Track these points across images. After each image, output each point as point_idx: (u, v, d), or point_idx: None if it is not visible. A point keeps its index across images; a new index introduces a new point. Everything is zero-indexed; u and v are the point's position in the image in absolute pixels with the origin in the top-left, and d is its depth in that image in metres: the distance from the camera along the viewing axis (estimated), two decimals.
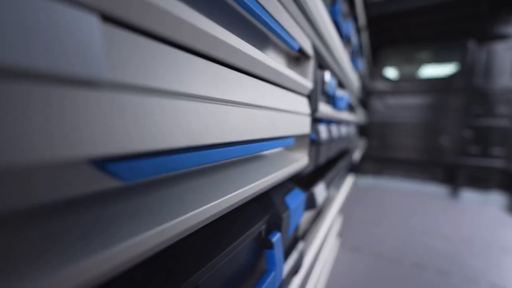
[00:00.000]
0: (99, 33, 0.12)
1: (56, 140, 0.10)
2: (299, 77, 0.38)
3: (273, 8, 0.28)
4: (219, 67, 0.21)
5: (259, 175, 0.30)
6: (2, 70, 0.08)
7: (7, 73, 0.09)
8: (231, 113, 0.22)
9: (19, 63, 0.09)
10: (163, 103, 0.15)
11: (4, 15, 0.08)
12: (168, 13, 0.14)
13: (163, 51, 0.15)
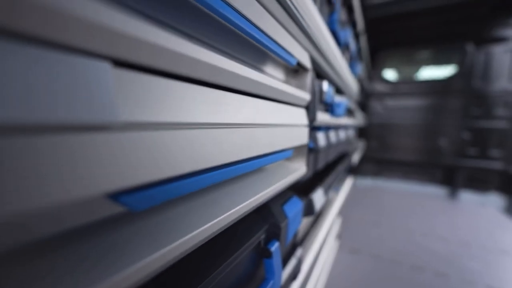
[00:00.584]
0: (111, 79, 0.13)
1: (74, 183, 0.11)
2: (297, 91, 0.40)
3: (272, 29, 0.30)
4: (220, 92, 0.22)
5: (259, 189, 0.31)
6: (27, 125, 0.10)
7: (31, 128, 0.10)
8: (232, 135, 0.23)
9: (39, 119, 0.10)
10: (169, 135, 0.16)
11: (23, 74, 0.10)
12: (169, 50, 0.16)
13: (167, 85, 0.17)
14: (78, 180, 0.11)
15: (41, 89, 0.10)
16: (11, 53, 0.09)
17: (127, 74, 0.14)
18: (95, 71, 0.12)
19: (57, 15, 0.10)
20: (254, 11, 0.25)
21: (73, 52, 0.11)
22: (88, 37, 0.11)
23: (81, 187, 0.11)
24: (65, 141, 0.11)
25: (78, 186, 0.11)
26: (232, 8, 0.22)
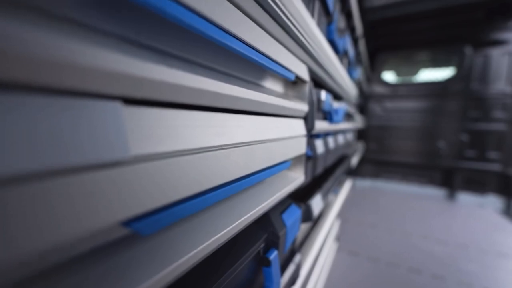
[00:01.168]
0: (123, 117, 0.14)
1: (91, 216, 0.13)
2: (296, 103, 0.41)
3: (271, 49, 0.31)
4: (221, 115, 0.23)
5: (259, 201, 0.32)
6: (51, 169, 0.11)
7: (53, 171, 0.11)
8: (233, 155, 0.24)
9: (59, 163, 0.11)
10: (174, 162, 0.17)
11: (41, 123, 0.11)
12: (174, 84, 0.17)
13: (171, 115, 0.18)
14: (94, 213, 0.13)
15: (60, 135, 0.11)
16: (37, 104, 0.11)
17: (136, 110, 0.15)
18: (108, 111, 0.13)
19: (74, 68, 0.11)
20: (253, 34, 0.27)
21: (88, 97, 0.13)
22: (101, 82, 0.13)
23: (97, 219, 0.13)
24: (82, 180, 0.12)
25: (94, 218, 0.13)
26: (232, 36, 0.23)
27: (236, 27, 0.23)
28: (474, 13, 1.86)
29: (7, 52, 0.09)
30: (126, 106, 0.15)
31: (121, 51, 0.14)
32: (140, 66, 0.14)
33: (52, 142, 0.11)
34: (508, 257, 1.31)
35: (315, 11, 0.51)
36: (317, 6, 0.52)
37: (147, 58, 0.16)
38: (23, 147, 0.10)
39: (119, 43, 0.15)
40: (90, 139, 0.12)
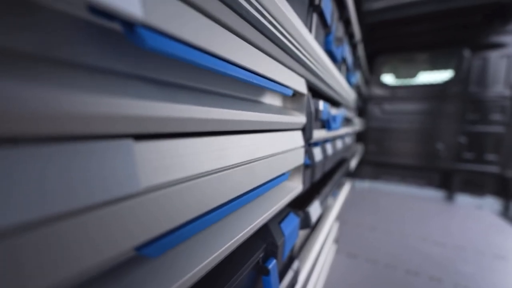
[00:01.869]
0: (134, 153, 0.16)
1: (107, 245, 0.14)
2: (294, 117, 0.42)
3: (270, 69, 0.32)
4: (222, 138, 0.25)
5: (258, 213, 0.34)
6: (70, 211, 0.13)
7: (71, 212, 0.13)
8: (235, 174, 0.26)
9: (76, 205, 0.13)
10: (181, 188, 0.19)
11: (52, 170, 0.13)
12: (180, 118, 0.19)
13: (178, 145, 0.20)
14: (110, 242, 0.14)
15: (78, 178, 0.13)
16: (56, 152, 0.12)
17: (145, 144, 0.17)
18: (121, 150, 0.15)
19: (85, 117, 0.13)
20: (252, 58, 0.28)
21: (103, 139, 0.14)
22: (112, 125, 0.14)
23: (111, 248, 0.14)
24: (99, 215, 0.14)
25: (109, 248, 0.14)
26: (231, 63, 0.24)
27: (234, 54, 0.24)
28: (473, 16, 1.87)
29: (19, 111, 0.11)
30: (136, 142, 0.16)
31: (129, 93, 0.15)
32: (148, 106, 0.16)
33: (71, 185, 0.12)
34: (505, 259, 1.33)
35: (313, 24, 0.53)
36: (315, 19, 0.53)
37: (154, 96, 0.17)
38: (51, 191, 0.11)
39: (126, 82, 0.16)
40: (105, 178, 0.14)
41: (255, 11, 0.27)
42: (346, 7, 0.85)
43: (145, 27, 0.15)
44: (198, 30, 0.20)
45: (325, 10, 0.52)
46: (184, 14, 0.18)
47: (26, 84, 0.11)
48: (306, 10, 0.49)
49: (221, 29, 0.23)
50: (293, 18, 0.36)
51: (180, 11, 0.18)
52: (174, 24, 0.17)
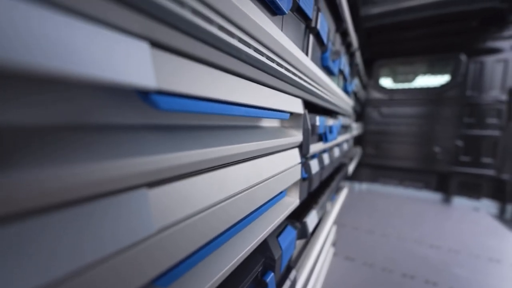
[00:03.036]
0: (147, 200, 0.18)
1: (130, 281, 0.17)
2: (291, 138, 0.45)
3: (269, 99, 0.35)
4: (222, 170, 0.27)
5: (258, 232, 0.36)
6: (95, 261, 0.15)
7: (96, 262, 0.15)
8: (236, 201, 0.28)
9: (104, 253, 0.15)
10: (188, 223, 0.21)
11: None
12: (185, 164, 0.21)
13: (184, 186, 0.22)
14: (129, 281, 0.17)
15: (100, 231, 0.15)
16: (81, 213, 0.15)
17: (156, 190, 0.19)
18: (136, 200, 0.17)
19: (109, 180, 0.15)
20: (251, 93, 0.31)
21: (120, 193, 0.17)
22: (129, 181, 0.17)
23: (132, 285, 0.17)
24: (119, 259, 0.16)
25: (130, 285, 0.17)
26: (233, 104, 0.27)
27: (235, 95, 0.27)
28: (469, 21, 1.90)
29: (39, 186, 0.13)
30: (149, 189, 0.19)
31: (142, 149, 0.18)
32: (160, 159, 0.18)
33: (95, 238, 0.15)
34: (500, 263, 1.36)
35: (309, 44, 0.55)
36: (312, 39, 0.56)
37: (163, 145, 0.20)
38: (81, 245, 0.14)
39: (138, 135, 0.19)
40: (122, 228, 0.16)
41: (254, 51, 0.29)
42: (344, 20, 0.87)
43: (158, 93, 0.18)
44: (203, 81, 0.22)
45: (321, 31, 0.54)
46: (189, 70, 0.21)
47: (44, 159, 0.13)
48: (303, 32, 0.52)
49: (222, 74, 0.25)
50: (290, 47, 0.38)
51: (186, 67, 0.20)
52: (182, 83, 0.20)
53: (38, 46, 0.11)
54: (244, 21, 0.26)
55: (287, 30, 0.43)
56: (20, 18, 0.11)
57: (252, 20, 0.27)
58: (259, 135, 0.35)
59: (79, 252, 0.14)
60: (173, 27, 0.18)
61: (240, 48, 0.26)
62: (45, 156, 0.13)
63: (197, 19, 0.20)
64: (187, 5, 0.19)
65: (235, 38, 0.25)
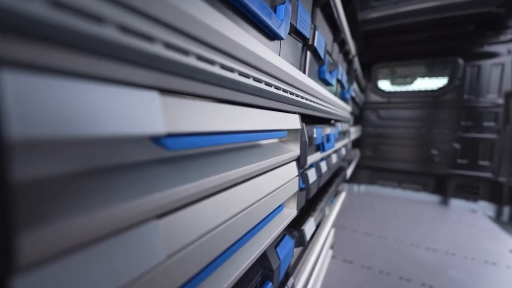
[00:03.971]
0: (159, 232, 0.20)
1: None
2: (289, 154, 0.47)
3: (267, 122, 0.37)
4: (224, 194, 0.29)
5: (257, 246, 0.38)
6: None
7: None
8: (237, 221, 0.30)
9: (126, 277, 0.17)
10: (193, 246, 0.24)
11: None
12: (189, 194, 0.23)
13: (190, 213, 0.24)
14: None
15: (116, 264, 0.17)
16: (97, 252, 0.17)
17: (165, 220, 0.21)
18: (149, 231, 0.19)
19: (125, 220, 0.18)
20: (251, 119, 0.33)
21: (132, 227, 0.19)
22: (140, 216, 0.19)
23: None
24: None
25: None
26: (234, 132, 0.29)
27: (236, 124, 0.29)
28: (466, 26, 1.92)
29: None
30: (158, 220, 0.21)
31: (152, 185, 0.20)
32: (169, 193, 0.20)
33: (111, 271, 0.17)
34: (495, 265, 1.38)
35: (307, 60, 0.57)
36: (309, 55, 0.58)
37: (171, 178, 0.22)
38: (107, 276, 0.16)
39: (149, 172, 0.21)
40: (135, 258, 0.18)
41: (252, 80, 0.31)
42: (342, 30, 0.89)
43: (167, 136, 0.20)
44: (206, 116, 0.24)
45: (318, 47, 0.57)
46: (193, 108, 0.23)
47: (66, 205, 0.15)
48: (301, 50, 0.54)
49: (223, 106, 0.27)
50: (287, 69, 0.40)
51: (190, 106, 0.23)
52: (187, 122, 0.22)
53: (69, 118, 0.13)
54: (244, 53, 0.28)
55: (285, 51, 0.45)
56: (61, 92, 0.13)
57: (251, 52, 0.29)
58: (258, 155, 0.37)
59: (97, 285, 0.16)
60: (179, 75, 0.20)
61: (239, 81, 0.28)
62: (71, 205, 0.15)
63: (201, 63, 0.22)
64: (192, 52, 0.21)
65: (235, 72, 0.27)
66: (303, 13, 0.45)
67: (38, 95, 0.12)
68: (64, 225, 0.14)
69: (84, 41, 0.14)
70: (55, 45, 0.13)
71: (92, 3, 0.14)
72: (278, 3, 0.37)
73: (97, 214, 0.15)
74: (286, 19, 0.38)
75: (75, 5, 0.13)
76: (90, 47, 0.14)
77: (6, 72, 0.11)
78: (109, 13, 0.15)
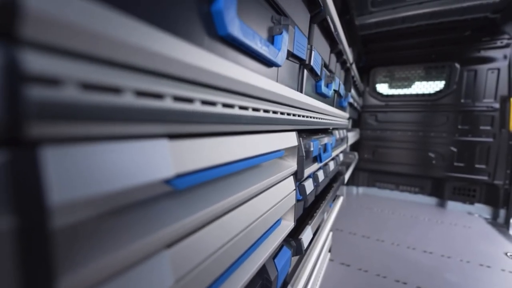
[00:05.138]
0: (166, 259, 0.23)
1: None
2: (286, 170, 0.49)
3: (266, 145, 0.39)
4: (227, 216, 0.32)
5: (256, 260, 0.41)
6: None
7: None
8: (236, 243, 0.33)
9: None
10: (199, 269, 0.26)
11: None
12: (197, 225, 0.26)
13: (195, 240, 0.27)
14: None
15: None
16: None
17: (173, 249, 0.24)
18: (160, 260, 0.22)
19: (139, 258, 0.20)
20: (251, 146, 0.35)
21: (143, 261, 0.21)
22: (151, 250, 0.21)
23: None
24: None
25: None
26: (235, 162, 0.31)
27: (238, 153, 0.31)
28: (462, 31, 1.94)
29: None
30: (168, 249, 0.23)
31: (161, 220, 0.22)
32: (176, 227, 0.23)
33: None
34: (490, 268, 1.41)
35: (304, 78, 0.59)
36: (306, 73, 0.60)
37: (180, 211, 0.24)
38: None
39: (156, 205, 0.23)
40: (150, 283, 0.21)
41: (252, 110, 0.34)
42: (339, 42, 0.92)
43: (176, 177, 0.22)
44: (209, 151, 0.27)
45: (314, 66, 0.59)
46: (198, 146, 0.25)
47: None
48: (298, 70, 0.56)
49: (224, 139, 0.30)
50: (284, 92, 0.42)
51: (194, 146, 0.25)
52: (193, 161, 0.24)
53: (97, 178, 0.16)
54: (243, 87, 0.30)
55: (282, 74, 0.48)
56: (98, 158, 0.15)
57: (250, 85, 0.32)
58: (256, 176, 0.40)
59: None
60: (186, 121, 0.23)
61: (240, 115, 0.30)
62: (97, 246, 0.17)
63: (204, 107, 0.25)
64: (197, 99, 0.24)
65: (235, 107, 0.30)
66: (300, 38, 0.48)
67: (73, 163, 0.15)
68: (93, 266, 0.16)
69: (108, 111, 0.16)
70: (84, 119, 0.15)
71: (111, 76, 0.16)
72: (275, 33, 0.39)
73: (117, 253, 0.18)
74: (283, 48, 0.40)
75: (100, 83, 0.16)
76: (113, 116, 0.16)
77: (47, 149, 0.14)
78: (126, 82, 0.17)
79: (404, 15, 1.90)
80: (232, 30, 0.27)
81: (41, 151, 0.14)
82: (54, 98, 0.13)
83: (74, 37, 0.14)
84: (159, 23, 0.21)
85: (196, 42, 0.25)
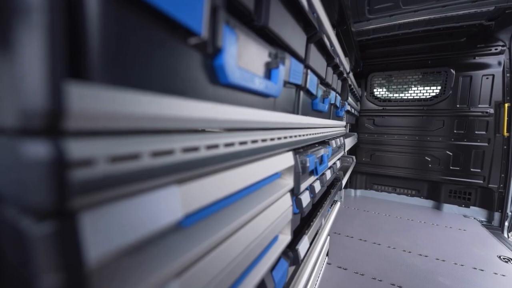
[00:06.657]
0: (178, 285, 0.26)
1: None
2: (284, 189, 0.53)
3: (266, 171, 0.43)
4: (228, 241, 0.35)
5: (254, 274, 0.44)
6: None
7: None
8: (239, 262, 0.36)
9: None
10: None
11: None
12: (200, 254, 0.29)
13: (199, 265, 0.30)
14: None
15: None
16: None
17: (181, 278, 0.27)
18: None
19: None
20: (249, 175, 0.38)
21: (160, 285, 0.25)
22: (168, 281, 0.25)
23: None
24: None
25: None
26: (235, 193, 0.35)
27: (234, 186, 0.35)
28: (458, 38, 1.98)
29: None
30: (177, 277, 0.27)
31: (172, 252, 0.26)
32: (182, 258, 0.26)
33: None
34: (483, 271, 1.45)
35: (300, 100, 0.63)
36: (302, 94, 0.63)
37: (188, 243, 0.27)
38: None
39: (166, 239, 0.27)
40: None
41: (250, 143, 0.37)
42: (335, 56, 0.95)
43: (184, 216, 0.25)
44: (212, 188, 0.30)
45: (310, 87, 0.62)
46: (201, 185, 0.29)
47: None
48: (294, 93, 0.59)
49: (225, 174, 0.33)
50: (281, 119, 0.46)
51: (199, 185, 0.28)
52: (198, 199, 0.27)
53: (124, 231, 0.19)
54: (243, 124, 0.34)
55: (279, 101, 0.51)
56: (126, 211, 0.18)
57: (250, 121, 0.35)
58: (254, 199, 0.43)
59: None
60: (192, 168, 0.26)
61: (239, 151, 0.34)
62: (119, 285, 0.21)
63: (209, 151, 0.28)
64: (203, 147, 0.27)
65: (236, 145, 0.33)
66: (296, 66, 0.51)
67: (104, 222, 0.18)
68: None
69: (130, 175, 0.19)
70: (112, 186, 0.18)
71: (131, 144, 0.20)
72: (272, 67, 0.43)
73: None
74: (280, 81, 0.43)
75: (123, 153, 0.19)
76: (134, 178, 0.20)
77: (84, 216, 0.17)
78: (143, 146, 0.20)
79: (400, 22, 1.93)
80: (233, 79, 0.30)
81: (79, 219, 0.17)
82: (90, 176, 0.17)
83: (104, 119, 0.17)
84: (169, 86, 0.25)
85: (201, 93, 0.29)
